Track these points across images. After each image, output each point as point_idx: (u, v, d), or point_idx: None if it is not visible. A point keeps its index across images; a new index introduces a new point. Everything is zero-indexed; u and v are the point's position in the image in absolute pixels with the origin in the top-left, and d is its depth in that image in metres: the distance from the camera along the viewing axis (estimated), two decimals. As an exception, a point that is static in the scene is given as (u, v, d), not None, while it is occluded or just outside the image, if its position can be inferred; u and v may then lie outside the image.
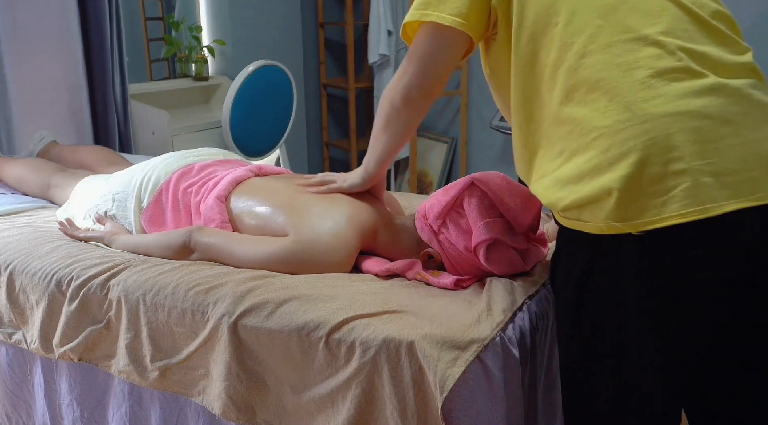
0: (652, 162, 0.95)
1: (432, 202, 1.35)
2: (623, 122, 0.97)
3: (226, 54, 3.59)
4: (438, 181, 3.98)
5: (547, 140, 1.08)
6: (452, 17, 1.13)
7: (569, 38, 1.04)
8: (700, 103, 0.97)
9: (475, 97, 3.82)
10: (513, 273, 1.32)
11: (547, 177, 1.08)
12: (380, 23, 3.78)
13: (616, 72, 1.00)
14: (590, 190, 0.99)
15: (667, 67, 0.99)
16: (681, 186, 0.94)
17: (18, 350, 1.58)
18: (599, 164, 0.98)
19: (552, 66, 1.05)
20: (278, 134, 3.36)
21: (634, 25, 1.02)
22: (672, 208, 0.94)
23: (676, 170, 0.94)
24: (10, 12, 2.54)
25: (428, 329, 1.11)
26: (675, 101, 0.97)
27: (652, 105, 0.97)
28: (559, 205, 1.05)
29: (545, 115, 1.08)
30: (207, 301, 1.27)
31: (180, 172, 1.69)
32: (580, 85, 1.02)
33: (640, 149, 0.95)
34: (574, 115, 1.02)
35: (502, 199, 1.28)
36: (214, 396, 1.26)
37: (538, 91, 1.08)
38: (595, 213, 0.99)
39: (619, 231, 0.97)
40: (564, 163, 1.04)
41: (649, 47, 1.00)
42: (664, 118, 0.96)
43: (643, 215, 0.95)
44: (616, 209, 0.96)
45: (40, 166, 2.16)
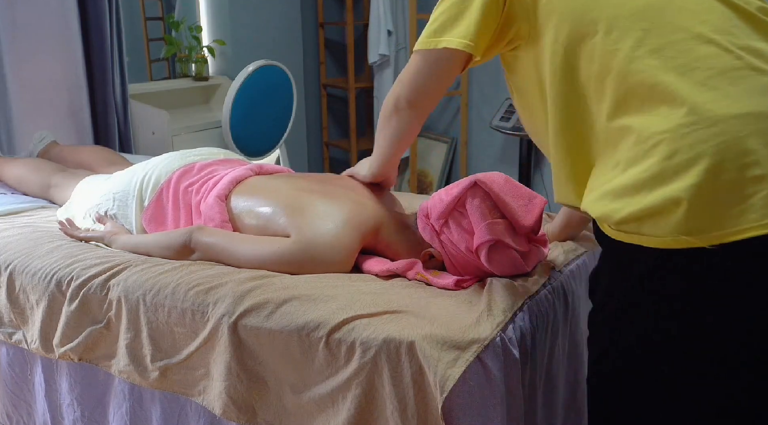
0: (726, 167, 0.87)
1: (434, 202, 1.35)
2: (688, 126, 0.90)
3: (226, 54, 3.59)
4: (438, 181, 3.98)
5: (602, 157, 1.00)
6: (459, 40, 1.12)
7: (612, 46, 0.97)
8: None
9: (475, 97, 3.82)
10: (514, 274, 1.32)
11: (596, 190, 1.01)
12: (380, 23, 3.78)
13: (672, 75, 0.93)
14: (653, 200, 0.91)
15: (728, 65, 0.92)
16: (760, 193, 0.86)
17: (18, 350, 1.58)
18: (662, 172, 0.90)
19: (596, 77, 0.99)
20: (278, 134, 3.36)
21: (684, 24, 0.95)
22: (752, 217, 0.86)
23: (753, 176, 0.87)
24: (10, 12, 2.54)
25: (428, 329, 1.11)
26: (743, 101, 0.90)
27: (719, 106, 0.90)
28: (614, 218, 0.96)
29: (597, 130, 1.01)
30: (207, 301, 1.27)
31: (180, 172, 1.69)
32: (632, 93, 0.96)
33: (710, 154, 0.88)
34: (629, 124, 0.95)
35: (505, 199, 1.28)
36: (214, 396, 1.26)
37: (584, 106, 1.02)
38: (660, 226, 0.91)
39: (689, 245, 0.89)
40: (619, 175, 0.96)
41: (705, 46, 0.94)
42: (733, 119, 0.89)
43: (719, 227, 0.87)
44: (686, 221, 0.88)
45: (40, 166, 2.16)
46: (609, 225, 0.99)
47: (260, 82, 3.12)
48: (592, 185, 1.04)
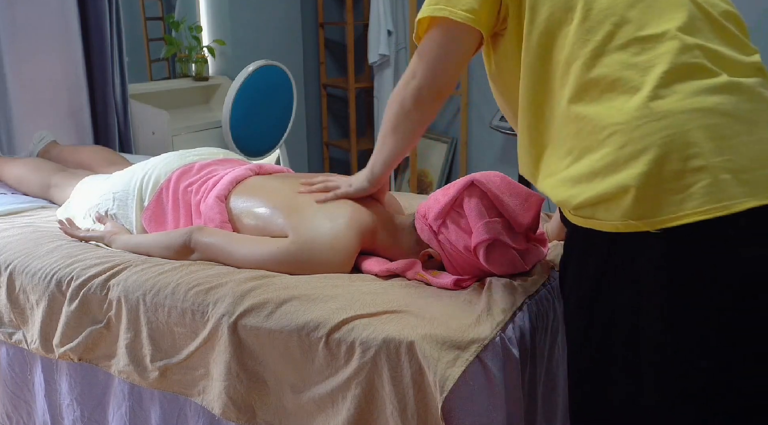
0: (670, 158, 0.94)
1: (431, 202, 1.35)
2: (640, 118, 0.96)
3: (226, 54, 3.59)
4: (438, 181, 3.98)
5: (557, 138, 1.07)
6: (464, 13, 1.13)
7: (585, 35, 1.03)
8: (715, 100, 0.96)
9: (475, 97, 3.82)
10: (513, 273, 1.32)
11: (555, 175, 1.07)
12: (380, 23, 3.78)
13: (633, 71, 0.99)
14: (605, 187, 0.97)
15: (684, 62, 0.98)
16: (700, 183, 0.93)
17: (18, 350, 1.58)
18: (615, 161, 0.97)
19: (565, 62, 1.04)
20: (278, 134, 3.37)
21: (651, 22, 1.01)
22: (691, 204, 0.93)
23: (694, 167, 0.93)
24: (10, 12, 2.54)
25: (428, 329, 1.11)
26: (691, 98, 0.96)
27: (669, 101, 0.96)
28: (572, 203, 1.03)
29: (556, 113, 1.06)
30: (207, 301, 1.27)
31: (180, 171, 1.69)
32: (594, 83, 1.01)
33: (658, 145, 0.94)
34: (586, 113, 1.01)
35: (502, 198, 1.28)
36: (214, 396, 1.26)
37: (550, 88, 1.07)
38: (611, 211, 0.98)
39: (636, 229, 0.96)
40: (574, 162, 1.03)
41: (667, 43, 0.99)
42: (681, 114, 0.95)
43: (662, 212, 0.94)
44: (634, 207, 0.95)
45: (40, 166, 2.17)
46: (568, 211, 1.06)
47: (260, 82, 3.12)
48: (547, 168, 1.09)
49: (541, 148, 1.10)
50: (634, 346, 1.03)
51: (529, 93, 1.10)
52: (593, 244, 1.04)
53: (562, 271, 1.17)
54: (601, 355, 1.08)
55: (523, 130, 1.13)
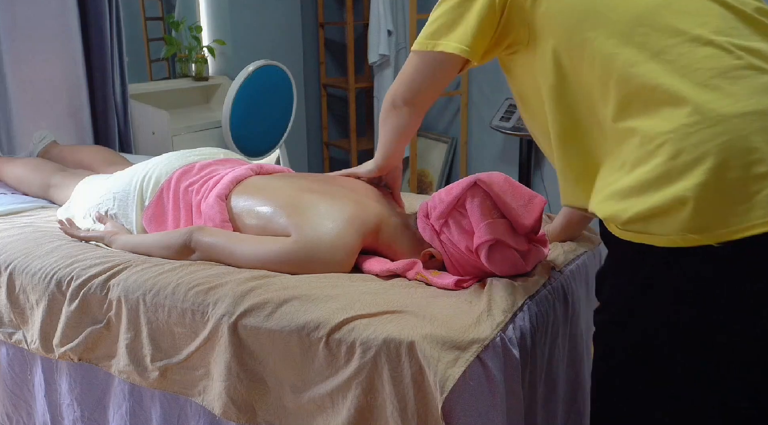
0: (730, 166, 0.88)
1: (434, 202, 1.35)
2: (692, 126, 0.91)
3: (226, 54, 3.59)
4: (438, 181, 3.98)
5: (609, 157, 1.02)
6: (456, 44, 1.14)
7: (613, 49, 0.99)
8: None
9: (475, 97, 3.82)
10: (514, 274, 1.32)
11: (602, 191, 1.02)
12: (380, 23, 3.78)
13: (674, 77, 0.94)
14: (659, 199, 0.92)
15: (729, 65, 0.93)
16: (765, 190, 0.87)
17: (18, 350, 1.58)
18: (668, 172, 0.92)
19: (600, 81, 1.00)
20: (278, 134, 3.36)
21: (682, 27, 0.97)
22: (758, 214, 0.87)
23: (758, 173, 0.88)
24: (10, 12, 2.54)
25: (428, 329, 1.11)
26: (745, 100, 0.91)
27: (722, 105, 0.91)
28: (621, 218, 0.97)
29: (604, 132, 1.01)
30: (207, 301, 1.27)
31: (181, 171, 1.69)
32: (635, 95, 0.97)
33: (715, 153, 0.89)
34: (634, 126, 0.96)
35: (505, 199, 1.28)
36: (214, 396, 1.26)
37: (590, 110, 1.03)
38: (666, 225, 0.92)
39: (696, 243, 0.90)
40: (624, 176, 0.98)
41: (705, 47, 0.95)
42: (737, 118, 0.90)
43: (726, 224, 0.88)
44: (693, 219, 0.90)
45: (40, 166, 2.17)
46: (616, 226, 1.00)
47: (260, 82, 3.12)
48: (599, 186, 1.04)
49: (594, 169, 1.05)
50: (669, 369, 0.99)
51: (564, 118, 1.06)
52: (641, 259, 0.98)
53: (599, 286, 1.12)
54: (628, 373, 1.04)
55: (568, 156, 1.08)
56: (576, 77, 1.04)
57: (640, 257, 0.98)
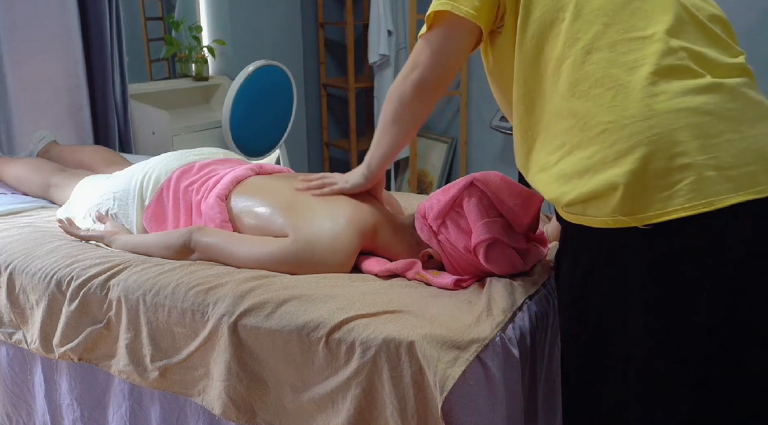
0: (657, 157, 0.97)
1: (431, 202, 1.35)
2: (628, 118, 0.99)
3: (226, 54, 3.59)
4: (438, 181, 3.98)
5: (546, 133, 1.10)
6: (466, 9, 1.16)
7: (575, 34, 1.06)
8: (700, 100, 0.99)
9: (475, 97, 3.82)
10: (513, 273, 1.32)
11: (547, 171, 1.10)
12: (380, 23, 3.78)
13: (621, 70, 1.02)
14: (595, 184, 1.01)
15: (670, 64, 1.01)
16: (686, 180, 0.96)
17: (18, 350, 1.58)
18: (604, 159, 1.00)
19: (556, 60, 1.07)
20: (278, 134, 3.36)
21: (639, 24, 1.04)
22: (678, 201, 0.96)
23: (680, 164, 0.96)
24: (10, 12, 2.54)
25: (428, 329, 1.11)
26: (677, 98, 0.99)
27: (656, 101, 0.99)
28: (563, 200, 1.06)
29: (546, 108, 1.09)
30: (207, 301, 1.27)
31: (180, 171, 1.69)
32: (584, 79, 1.04)
33: (645, 144, 0.97)
34: (577, 109, 1.04)
35: (502, 198, 1.28)
36: (214, 396, 1.26)
37: (541, 84, 1.10)
38: (601, 208, 1.01)
39: (625, 225, 0.99)
40: (564, 157, 1.06)
41: (654, 44, 1.02)
42: (667, 114, 0.98)
43: (649, 209, 0.97)
44: (622, 203, 0.98)
45: (40, 166, 2.17)
46: (561, 208, 1.09)
47: (260, 82, 3.12)
48: (535, 159, 1.12)
49: (532, 141, 1.13)
50: (623, 343, 1.05)
51: (522, 89, 1.13)
52: (584, 240, 1.07)
53: (557, 268, 1.19)
54: (591, 354, 1.10)
55: (516, 124, 1.16)
56: (539, 52, 1.10)
57: (581, 237, 1.07)
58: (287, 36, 3.88)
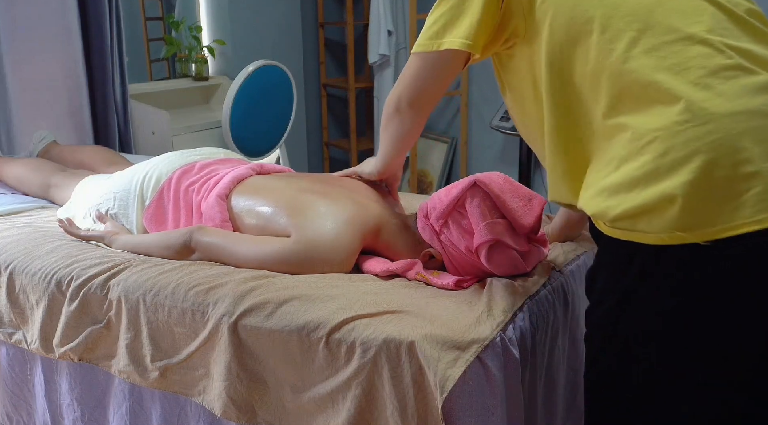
0: (719, 165, 0.89)
1: (434, 202, 1.35)
2: (682, 123, 0.91)
3: (226, 54, 3.59)
4: (438, 181, 3.98)
5: (598, 153, 1.02)
6: (461, 40, 1.13)
7: (607, 45, 0.99)
8: (760, 100, 0.92)
9: (475, 97, 3.82)
10: (514, 274, 1.32)
11: (591, 187, 1.02)
12: (380, 23, 3.78)
13: (666, 74, 0.95)
14: (647, 197, 0.92)
15: (720, 65, 0.94)
16: (753, 190, 0.88)
17: (18, 350, 1.58)
18: (656, 169, 0.92)
19: (592, 76, 1.01)
20: (278, 134, 3.36)
21: (676, 25, 0.97)
22: (745, 213, 0.88)
23: (746, 173, 0.88)
24: (10, 12, 2.54)
25: (428, 329, 1.11)
26: (735, 100, 0.92)
27: (713, 104, 0.91)
28: (609, 215, 0.97)
29: (594, 128, 1.02)
30: (207, 301, 1.27)
31: (181, 171, 1.69)
32: (627, 91, 0.97)
33: (704, 151, 0.89)
34: (625, 122, 0.97)
35: (504, 199, 1.28)
36: (214, 396, 1.26)
37: (581, 104, 1.03)
38: (654, 223, 0.92)
39: (684, 241, 0.91)
40: (613, 172, 0.98)
41: (697, 46, 0.95)
42: (726, 117, 0.90)
43: (713, 223, 0.89)
44: (681, 217, 0.90)
45: (40, 166, 2.17)
46: (604, 223, 1.00)
47: (260, 82, 3.12)
48: (587, 182, 1.04)
49: (583, 166, 1.05)
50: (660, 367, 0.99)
51: (557, 112, 1.06)
52: (630, 257, 0.98)
53: (589, 286, 1.11)
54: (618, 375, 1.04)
55: (558, 150, 1.08)
56: (569, 71, 1.04)
57: (628, 255, 0.98)
58: (287, 36, 3.87)
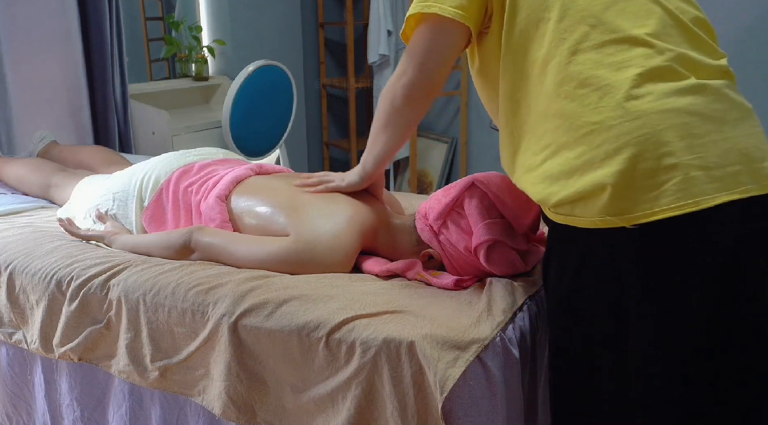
0: (645, 157, 0.98)
1: (432, 203, 1.35)
2: (615, 118, 1.00)
3: (226, 54, 3.59)
4: (438, 181, 3.98)
5: (532, 133, 1.10)
6: (453, 9, 1.14)
7: (561, 34, 1.06)
8: (686, 101, 1.00)
9: (475, 97, 3.82)
10: (513, 274, 1.32)
11: (533, 171, 1.10)
12: (380, 23, 3.78)
13: (607, 70, 1.03)
14: (583, 184, 1.01)
15: (655, 66, 1.02)
16: (673, 180, 0.97)
17: (18, 350, 1.58)
18: (591, 159, 1.01)
19: (542, 60, 1.07)
20: (278, 134, 3.36)
21: (624, 26, 1.05)
22: (665, 201, 0.97)
23: (667, 165, 0.97)
24: (10, 12, 2.54)
25: (428, 329, 1.11)
26: (663, 99, 1.00)
27: (643, 102, 1.00)
28: (551, 201, 1.06)
29: (532, 108, 1.10)
30: (207, 301, 1.27)
31: (180, 171, 1.69)
32: (570, 79, 1.04)
33: (633, 145, 0.98)
34: (563, 110, 1.05)
35: (503, 199, 1.28)
36: (214, 396, 1.26)
37: (527, 85, 1.10)
38: (589, 208, 1.02)
39: (613, 225, 1.00)
40: (550, 157, 1.06)
41: (639, 47, 1.03)
42: (654, 114, 0.99)
43: (637, 209, 0.98)
44: (610, 203, 0.99)
45: (40, 166, 2.16)
46: (548, 208, 1.09)
47: (260, 82, 3.12)
48: (521, 160, 1.12)
49: (518, 142, 1.14)
50: (615, 343, 1.05)
51: (509, 90, 1.13)
52: (572, 241, 1.08)
53: (544, 270, 1.19)
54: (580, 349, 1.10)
55: (503, 124, 1.17)
56: (524, 50, 1.10)
57: (568, 238, 1.08)
58: (287, 36, 3.88)
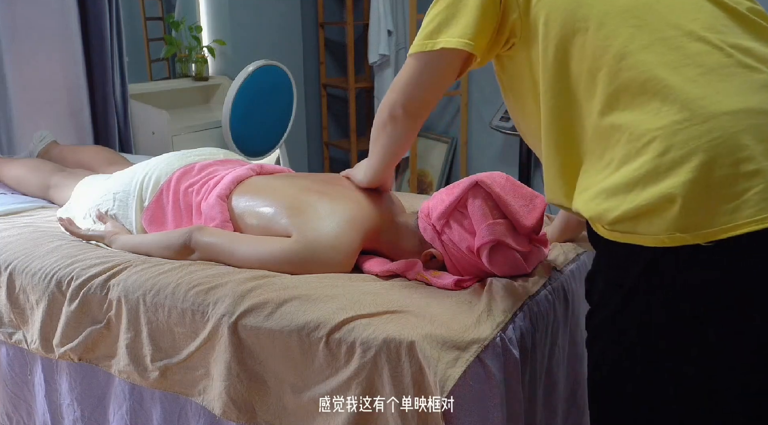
0: (719, 163, 0.86)
1: (435, 202, 1.34)
2: (681, 122, 0.89)
3: (226, 54, 3.59)
4: (438, 181, 3.98)
5: (591, 155, 0.99)
6: (458, 39, 1.10)
7: (603, 41, 0.97)
8: (759, 98, 0.90)
9: (475, 97, 3.82)
10: (515, 275, 1.32)
11: (589, 189, 0.99)
12: (380, 23, 3.79)
13: (664, 70, 0.92)
14: (646, 197, 0.90)
15: (718, 62, 0.92)
16: (755, 188, 0.86)
17: (18, 350, 1.58)
18: (655, 169, 0.90)
19: (588, 73, 0.98)
20: (278, 134, 3.36)
21: (675, 21, 0.95)
22: (747, 213, 0.85)
23: (747, 171, 0.86)
24: (10, 12, 2.54)
25: (428, 329, 1.11)
26: (735, 98, 0.90)
27: (712, 103, 0.89)
28: (608, 217, 0.94)
29: (587, 128, 0.99)
30: (207, 301, 1.27)
31: (181, 172, 1.69)
32: (623, 89, 0.95)
33: (704, 150, 0.87)
34: (620, 122, 0.94)
35: (506, 200, 1.27)
36: (214, 396, 1.26)
37: (575, 103, 1.01)
38: (654, 224, 0.90)
39: (684, 243, 0.88)
40: (611, 174, 0.95)
41: (696, 43, 0.93)
42: (726, 116, 0.88)
43: (714, 223, 0.86)
44: (680, 218, 0.88)
45: (39, 166, 2.16)
46: (603, 226, 0.98)
47: (260, 82, 3.12)
48: (582, 184, 1.02)
49: (576, 169, 1.03)
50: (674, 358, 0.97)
51: (552, 111, 1.03)
52: (632, 262, 0.95)
53: (589, 290, 1.10)
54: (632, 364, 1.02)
55: (551, 152, 1.06)
56: (565, 70, 1.01)
57: (628, 257, 0.96)
58: (287, 36, 3.88)
